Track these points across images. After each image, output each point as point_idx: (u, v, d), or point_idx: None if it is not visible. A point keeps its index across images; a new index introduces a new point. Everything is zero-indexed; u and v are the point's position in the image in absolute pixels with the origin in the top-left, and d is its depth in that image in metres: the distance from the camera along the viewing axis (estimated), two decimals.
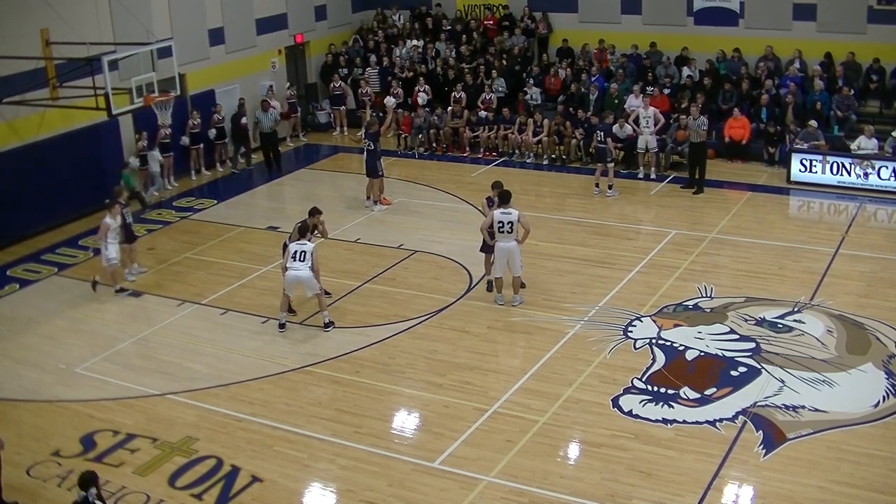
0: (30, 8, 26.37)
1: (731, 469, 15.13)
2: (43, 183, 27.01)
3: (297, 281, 20.10)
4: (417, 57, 36.81)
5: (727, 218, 25.56)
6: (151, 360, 19.86)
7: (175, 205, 29.37)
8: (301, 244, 20.11)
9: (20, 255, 25.99)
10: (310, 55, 37.68)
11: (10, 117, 26.16)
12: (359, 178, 29.36)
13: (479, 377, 18.26)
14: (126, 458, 16.38)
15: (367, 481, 15.34)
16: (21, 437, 17.03)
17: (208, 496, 15.22)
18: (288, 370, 19.02)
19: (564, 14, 35.81)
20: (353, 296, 22.09)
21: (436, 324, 20.64)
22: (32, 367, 19.94)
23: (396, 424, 17.25)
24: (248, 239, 26.21)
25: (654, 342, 19.15)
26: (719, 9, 33.01)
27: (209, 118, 31.66)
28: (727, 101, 30.91)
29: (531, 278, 22.11)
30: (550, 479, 15.08)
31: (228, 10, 33.13)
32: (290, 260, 20.00)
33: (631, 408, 16.92)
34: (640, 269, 22.46)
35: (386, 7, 39.71)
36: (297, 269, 19.94)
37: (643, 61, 33.42)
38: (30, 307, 22.85)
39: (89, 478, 12.85)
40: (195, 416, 17.57)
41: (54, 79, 26.80)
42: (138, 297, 22.94)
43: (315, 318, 20.70)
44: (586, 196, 27.96)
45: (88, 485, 12.76)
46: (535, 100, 33.45)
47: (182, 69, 27.83)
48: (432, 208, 27.54)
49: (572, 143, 30.98)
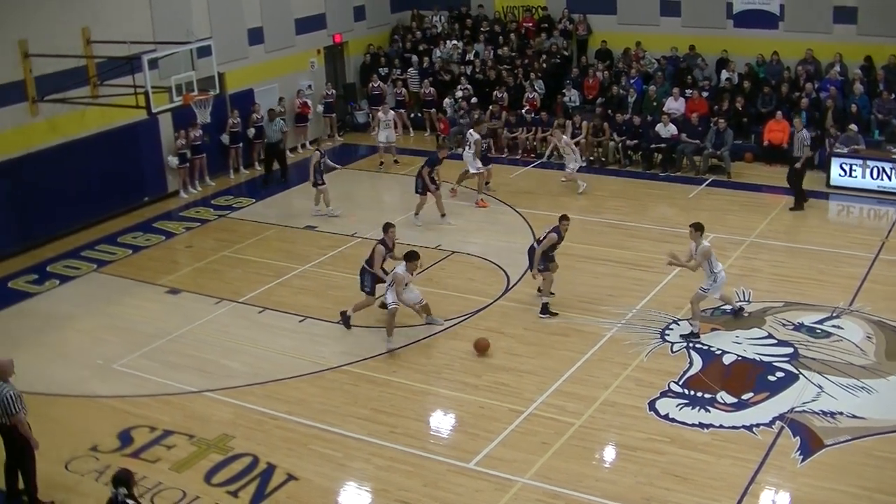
0: (72, 7, 26.58)
1: (767, 475, 15.04)
2: (83, 180, 27.21)
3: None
4: (457, 58, 36.83)
5: (765, 222, 25.41)
6: (188, 358, 19.94)
7: (213, 203, 29.49)
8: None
9: (60, 251, 26.17)
10: (348, 55, 37.75)
11: (51, 115, 26.35)
12: (396, 177, 29.41)
13: (515, 378, 18.23)
14: (162, 454, 16.47)
15: (402, 481, 15.36)
16: (59, 432, 17.11)
17: (244, 493, 15.27)
18: (324, 369, 19.06)
19: (603, 16, 35.70)
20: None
21: (472, 325, 20.62)
22: (71, 362, 20.08)
23: (432, 425, 17.27)
24: (286, 238, 26.28)
25: (692, 346, 19.07)
26: (759, 11, 32.83)
27: (248, 117, 31.76)
28: (766, 104, 30.75)
29: (568, 280, 22.08)
30: (585, 482, 15.03)
31: (267, 10, 33.24)
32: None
33: (667, 411, 16.86)
34: (678, 272, 22.34)
35: (425, 8, 39.73)
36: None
37: (681, 64, 33.31)
38: (69, 303, 23.01)
39: (122, 476, 12.81)
40: (231, 414, 17.64)
41: (95, 77, 27.01)
42: (176, 294, 23.05)
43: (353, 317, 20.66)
44: (624, 198, 27.87)
45: (119, 483, 12.74)
46: (574, 102, 33.39)
47: (221, 68, 27.91)
48: (470, 209, 27.51)
49: (610, 145, 30.90)
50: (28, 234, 26.18)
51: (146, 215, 28.68)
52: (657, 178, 29.24)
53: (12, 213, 25.74)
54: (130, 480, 12.83)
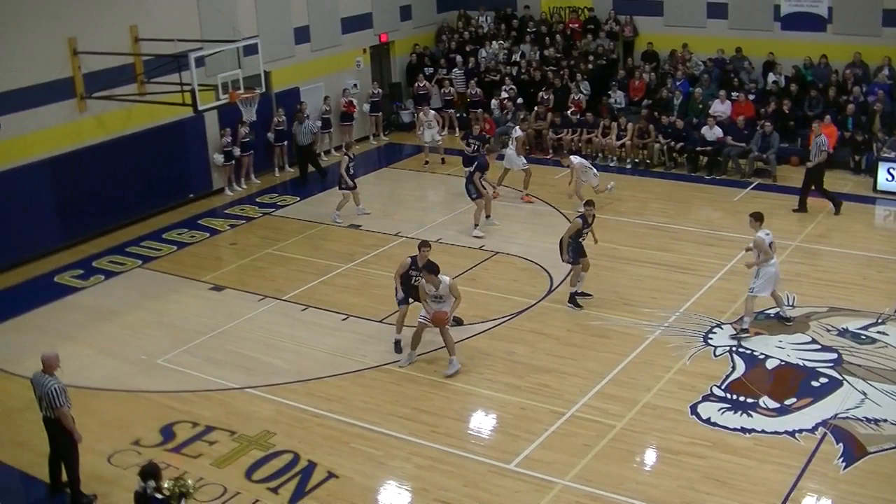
0: (120, 5, 26.79)
1: (809, 481, 14.93)
2: (129, 177, 27.42)
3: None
4: (503, 58, 36.81)
5: (811, 226, 25.23)
6: (231, 354, 20.05)
7: (258, 201, 29.62)
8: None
9: (105, 246, 26.38)
10: (394, 55, 37.82)
11: (98, 112, 26.59)
12: (441, 177, 29.45)
13: (557, 380, 18.20)
14: (204, 449, 16.57)
15: (442, 481, 15.37)
16: (102, 425, 17.29)
17: (284, 490, 15.33)
18: (366, 368, 19.10)
19: (650, 17, 35.55)
20: None
21: (515, 325, 20.61)
22: (114, 356, 20.25)
23: (473, 425, 17.26)
24: (330, 236, 26.36)
25: (735, 350, 18.97)
26: (807, 14, 32.58)
27: (293, 116, 31.84)
28: (813, 107, 30.54)
29: (612, 282, 22.04)
30: (626, 485, 14.98)
31: (314, 9, 33.35)
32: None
33: (709, 415, 16.77)
34: (722, 275, 22.25)
35: (471, 8, 39.72)
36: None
37: (727, 66, 33.14)
38: (113, 298, 23.19)
39: (150, 470, 12.85)
40: (273, 411, 17.71)
41: (142, 75, 27.21)
42: (220, 291, 23.18)
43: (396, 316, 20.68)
44: (668, 200, 27.77)
45: (147, 477, 12.80)
46: (619, 103, 33.31)
47: (267, 67, 28.07)
48: (514, 210, 27.49)
49: (655, 147, 30.79)
50: (74, 229, 26.41)
51: (191, 212, 28.86)
52: (702, 181, 29.11)
53: (59, 209, 25.98)
54: (158, 474, 12.89)
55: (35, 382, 14.93)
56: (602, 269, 22.79)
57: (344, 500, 15.09)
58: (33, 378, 15.02)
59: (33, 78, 25.07)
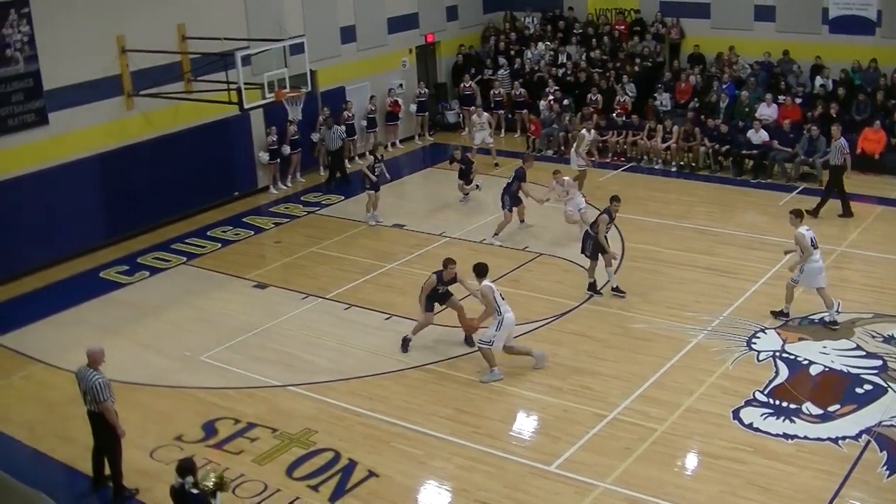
0: (168, 4, 26.96)
1: (851, 489, 14.78)
2: (174, 174, 27.58)
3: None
4: (548, 60, 36.75)
5: (857, 232, 25.02)
6: (274, 352, 20.15)
7: (302, 199, 29.73)
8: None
9: (151, 243, 26.59)
10: (440, 55, 37.84)
11: (145, 109, 26.77)
12: (487, 178, 29.42)
13: (599, 382, 18.14)
14: (246, 446, 16.64)
15: (483, 481, 15.35)
16: (145, 420, 17.42)
17: (325, 488, 15.37)
18: (408, 367, 19.13)
19: (696, 20, 35.35)
20: None
21: (557, 327, 20.57)
22: (158, 353, 20.40)
23: (514, 426, 17.24)
24: (374, 235, 26.39)
25: (778, 355, 18.83)
26: (855, 17, 32.30)
27: (339, 115, 31.95)
28: (861, 112, 30.29)
29: (656, 285, 21.98)
30: (666, 489, 14.91)
31: (360, 9, 33.44)
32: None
33: (751, 420, 16.64)
34: (766, 280, 22.11)
35: (518, 9, 39.69)
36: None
37: (774, 69, 32.94)
38: (158, 294, 23.36)
39: (187, 466, 12.93)
40: (315, 409, 17.77)
41: (189, 73, 27.38)
42: (264, 289, 23.27)
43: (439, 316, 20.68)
44: (713, 204, 27.64)
45: (185, 472, 12.87)
46: (665, 106, 33.18)
47: (313, 66, 28.16)
48: (559, 211, 27.39)
49: (700, 150, 30.64)
50: (120, 225, 26.64)
51: (236, 210, 29.01)
52: (747, 185, 28.92)
53: (106, 205, 26.22)
54: (195, 469, 12.96)
55: (80, 376, 15.06)
56: (646, 271, 22.75)
57: (384, 499, 15.12)
58: (78, 372, 15.15)
59: (82, 75, 25.33)
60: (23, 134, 24.32)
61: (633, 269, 23.11)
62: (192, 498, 12.82)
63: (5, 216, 23.97)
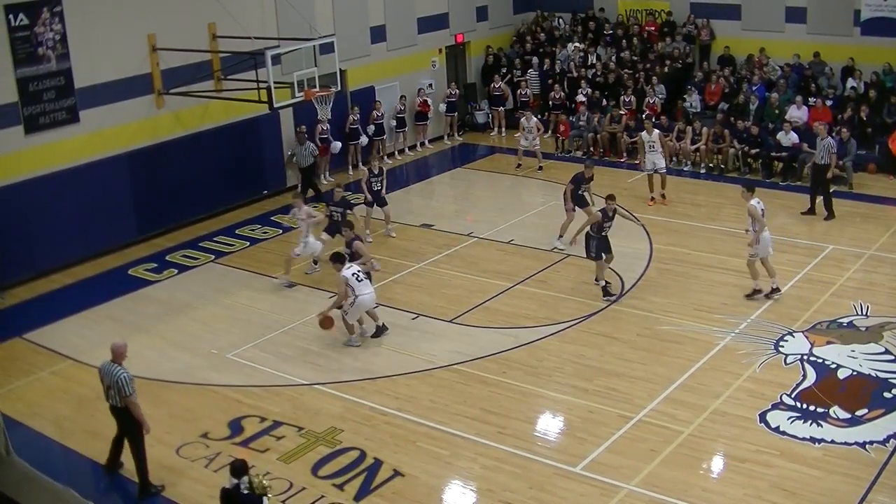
0: (198, 3, 27.06)
1: (878, 494, 14.67)
2: (204, 172, 27.69)
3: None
4: (579, 60, 36.66)
5: (887, 235, 24.81)
6: (300, 350, 20.18)
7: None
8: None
9: (179, 241, 26.71)
10: (470, 55, 37.82)
11: (175, 108, 26.89)
12: (515, 178, 29.37)
13: (626, 384, 18.09)
14: (271, 444, 16.68)
15: (508, 482, 15.33)
16: (172, 417, 17.50)
17: (349, 487, 15.38)
18: (435, 367, 19.12)
19: (727, 21, 35.18)
20: (504, 297, 22.09)
21: (584, 328, 20.52)
22: (185, 350, 20.47)
23: (540, 427, 17.22)
24: (401, 235, 26.36)
25: (806, 358, 18.71)
26: (888, 19, 32.03)
27: (368, 114, 31.98)
28: (892, 114, 30.08)
29: (684, 287, 21.91)
30: (692, 492, 14.85)
31: (391, 8, 33.47)
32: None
33: (778, 424, 16.55)
34: (795, 283, 21.99)
35: (548, 10, 39.62)
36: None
37: (805, 71, 32.76)
38: (186, 292, 23.43)
39: (242, 466, 12.98)
40: (341, 408, 17.79)
41: (219, 71, 27.49)
42: (292, 287, 23.30)
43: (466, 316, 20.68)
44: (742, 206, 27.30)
45: (241, 473, 12.90)
46: (695, 107, 33.03)
47: (343, 65, 28.22)
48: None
49: (730, 152, 30.50)
50: (149, 223, 26.76)
51: (265, 208, 29.07)
52: (777, 187, 28.75)
53: (135, 203, 26.31)
54: (248, 470, 13.01)
55: (103, 372, 15.15)
56: (674, 273, 22.68)
57: (409, 498, 15.12)
58: (101, 367, 15.25)
59: (113, 73, 25.48)
60: (54, 132, 24.46)
61: (662, 270, 23.04)
62: (245, 499, 12.85)
63: (36, 213, 24.11)
